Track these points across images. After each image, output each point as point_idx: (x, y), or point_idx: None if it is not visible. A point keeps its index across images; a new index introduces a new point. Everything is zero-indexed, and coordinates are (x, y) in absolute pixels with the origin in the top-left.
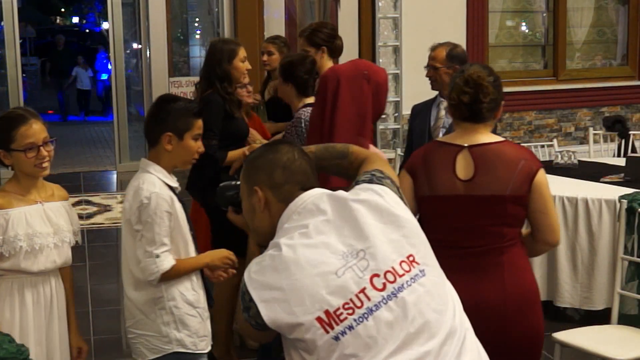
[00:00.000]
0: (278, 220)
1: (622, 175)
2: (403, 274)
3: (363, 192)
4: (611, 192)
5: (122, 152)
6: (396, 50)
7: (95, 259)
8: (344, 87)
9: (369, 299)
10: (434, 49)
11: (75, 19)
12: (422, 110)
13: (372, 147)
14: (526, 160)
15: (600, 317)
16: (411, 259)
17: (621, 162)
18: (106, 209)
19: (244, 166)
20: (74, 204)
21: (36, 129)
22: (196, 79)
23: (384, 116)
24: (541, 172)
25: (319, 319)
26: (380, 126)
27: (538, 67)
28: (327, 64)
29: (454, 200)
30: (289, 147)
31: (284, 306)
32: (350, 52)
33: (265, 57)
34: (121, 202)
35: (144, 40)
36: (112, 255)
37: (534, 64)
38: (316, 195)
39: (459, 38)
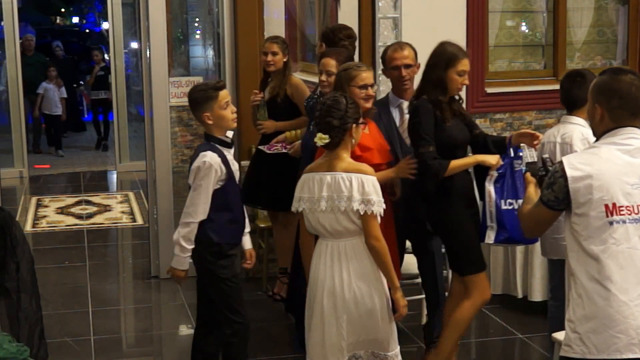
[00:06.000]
0: (602, 132)
1: None
2: None
3: None
4: None
5: (122, 152)
6: None
7: (95, 259)
8: None
9: None
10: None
11: (76, 19)
12: (381, 111)
13: None
14: None
15: None
16: None
17: None
18: (106, 209)
19: (593, 83)
20: (74, 204)
21: None
22: (196, 78)
23: None
24: None
25: (606, 206)
26: None
27: (538, 67)
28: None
29: None
30: (630, 79)
31: (588, 181)
32: None
33: (269, 57)
34: (121, 202)
35: (144, 40)
36: (112, 255)
37: (534, 64)
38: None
39: (459, 38)
